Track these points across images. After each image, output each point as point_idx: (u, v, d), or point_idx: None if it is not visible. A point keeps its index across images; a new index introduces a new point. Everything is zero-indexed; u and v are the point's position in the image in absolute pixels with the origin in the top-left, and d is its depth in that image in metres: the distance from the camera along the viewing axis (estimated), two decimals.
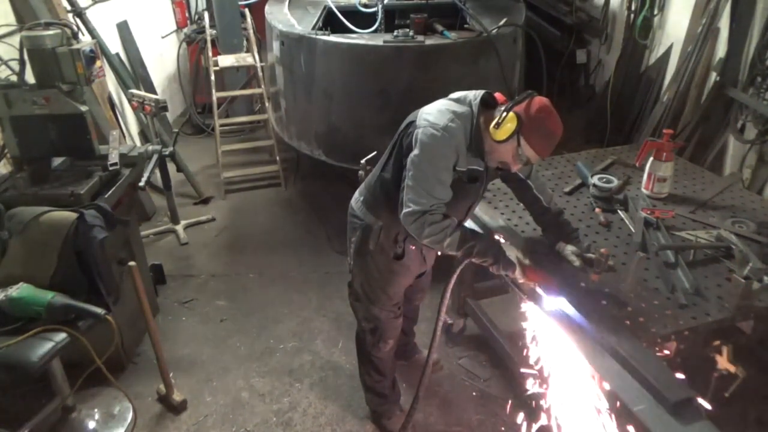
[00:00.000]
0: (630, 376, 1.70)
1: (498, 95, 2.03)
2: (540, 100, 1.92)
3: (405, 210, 1.96)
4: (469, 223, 2.41)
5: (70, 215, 2.32)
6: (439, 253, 2.27)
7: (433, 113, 1.97)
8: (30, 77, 2.70)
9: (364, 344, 2.50)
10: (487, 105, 2.00)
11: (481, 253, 1.98)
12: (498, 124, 1.90)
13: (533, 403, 2.23)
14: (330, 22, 3.95)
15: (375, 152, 2.29)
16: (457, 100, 2.03)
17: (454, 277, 2.09)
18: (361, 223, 2.23)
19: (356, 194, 2.31)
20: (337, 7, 3.88)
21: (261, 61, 4.82)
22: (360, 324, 2.46)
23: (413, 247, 2.24)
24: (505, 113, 1.89)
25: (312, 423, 2.66)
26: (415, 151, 1.94)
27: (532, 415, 2.23)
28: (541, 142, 1.91)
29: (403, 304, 2.47)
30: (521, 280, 2.02)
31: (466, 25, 3.88)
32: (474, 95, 2.02)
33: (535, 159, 1.96)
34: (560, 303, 1.94)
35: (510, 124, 1.87)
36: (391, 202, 2.11)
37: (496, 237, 2.12)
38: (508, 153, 1.94)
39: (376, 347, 2.47)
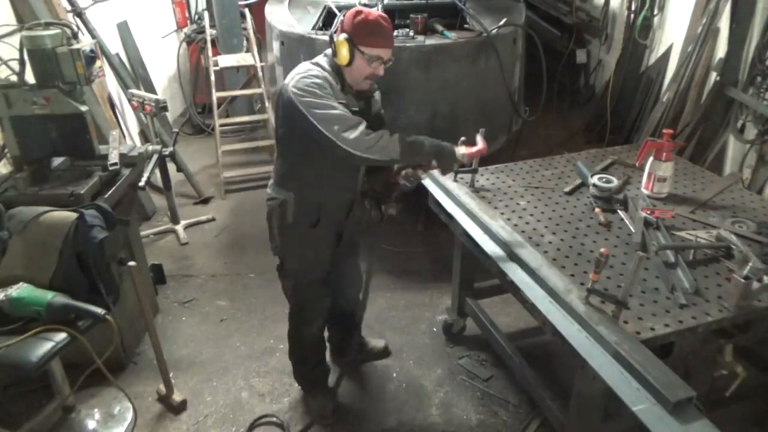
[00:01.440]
0: (630, 375, 1.70)
1: None
2: (350, 11, 2.13)
3: (336, 137, 2.05)
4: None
5: (70, 215, 2.31)
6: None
7: (292, 74, 2.16)
8: (30, 77, 2.69)
9: (293, 322, 2.60)
10: None
11: (423, 149, 2.16)
12: (335, 54, 2.13)
13: None
14: (330, 22, 3.94)
15: None
16: (308, 61, 2.24)
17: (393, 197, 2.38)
18: (276, 200, 2.33)
19: (268, 187, 2.43)
20: (337, 7, 3.88)
21: (261, 61, 4.82)
22: (290, 303, 2.56)
23: (326, 205, 2.36)
24: (333, 43, 2.13)
25: None
26: (300, 99, 2.07)
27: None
28: (375, 37, 2.10)
29: (335, 291, 2.60)
30: (465, 161, 2.21)
31: (466, 25, 3.88)
32: (325, 50, 2.25)
33: (386, 53, 2.14)
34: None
35: (343, 46, 2.08)
36: (293, 171, 2.28)
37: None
38: (364, 67, 2.14)
39: (305, 326, 2.57)
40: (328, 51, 2.22)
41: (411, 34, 3.55)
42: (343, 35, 2.09)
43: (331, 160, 2.16)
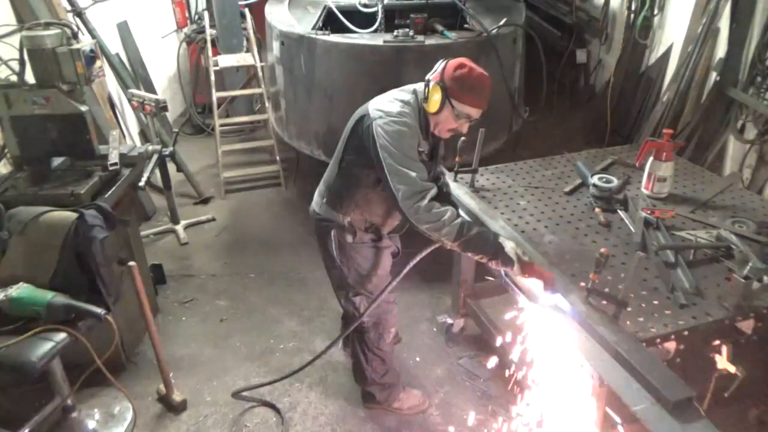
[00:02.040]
0: (630, 376, 1.70)
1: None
2: (454, 61, 2.07)
3: (398, 195, 2.04)
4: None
5: (70, 215, 2.32)
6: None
7: (383, 104, 2.12)
8: (30, 77, 2.70)
9: (368, 342, 2.52)
10: None
11: (478, 247, 2.04)
12: (426, 99, 2.07)
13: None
14: (330, 22, 3.95)
15: None
16: (401, 90, 2.20)
17: (421, 255, 2.30)
18: (332, 224, 2.29)
19: (316, 197, 2.38)
20: (337, 7, 3.88)
21: (261, 61, 4.82)
22: (361, 323, 2.47)
23: (384, 228, 2.36)
24: (427, 87, 2.06)
25: (312, 423, 2.66)
26: (380, 141, 2.03)
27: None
28: (471, 95, 2.05)
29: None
30: (519, 277, 2.04)
31: (466, 25, 3.88)
32: (417, 85, 2.19)
33: (476, 113, 2.09)
34: (557, 301, 1.95)
35: (436, 94, 2.03)
36: (353, 195, 2.22)
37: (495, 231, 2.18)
38: (449, 119, 2.09)
39: (381, 340, 2.52)
40: (417, 88, 2.17)
41: (411, 34, 3.55)
42: (439, 83, 2.04)
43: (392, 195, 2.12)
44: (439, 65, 2.09)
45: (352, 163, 2.20)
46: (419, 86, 2.18)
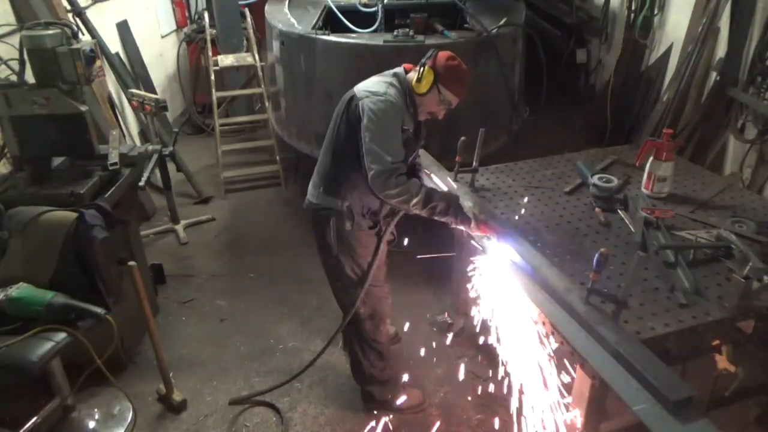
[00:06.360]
0: (630, 375, 1.70)
1: (407, 66, 2.34)
2: (445, 53, 2.26)
3: (370, 174, 2.15)
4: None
5: (70, 215, 2.32)
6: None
7: (370, 86, 2.25)
8: (30, 77, 2.70)
9: (364, 334, 2.54)
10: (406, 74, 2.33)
11: (443, 211, 2.22)
12: (419, 80, 2.22)
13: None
14: (330, 21, 3.95)
15: None
16: (381, 75, 2.32)
17: (393, 222, 2.45)
18: (330, 211, 2.32)
19: (311, 189, 2.41)
20: (337, 7, 3.88)
21: (261, 60, 4.82)
22: (357, 314, 2.48)
23: (381, 214, 2.42)
24: (421, 69, 2.21)
25: (312, 423, 2.67)
26: (365, 120, 2.15)
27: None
28: (457, 85, 2.24)
29: None
30: (475, 232, 2.23)
31: (466, 25, 3.88)
32: (396, 69, 2.34)
33: (455, 101, 2.28)
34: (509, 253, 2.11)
35: (428, 78, 2.20)
36: (349, 178, 2.27)
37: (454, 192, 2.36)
38: (432, 102, 2.27)
39: (378, 331, 2.53)
40: (399, 71, 2.31)
41: (411, 33, 3.55)
42: (432, 68, 2.20)
43: None
44: (431, 53, 2.25)
45: (346, 144, 2.26)
46: (399, 69, 2.31)
